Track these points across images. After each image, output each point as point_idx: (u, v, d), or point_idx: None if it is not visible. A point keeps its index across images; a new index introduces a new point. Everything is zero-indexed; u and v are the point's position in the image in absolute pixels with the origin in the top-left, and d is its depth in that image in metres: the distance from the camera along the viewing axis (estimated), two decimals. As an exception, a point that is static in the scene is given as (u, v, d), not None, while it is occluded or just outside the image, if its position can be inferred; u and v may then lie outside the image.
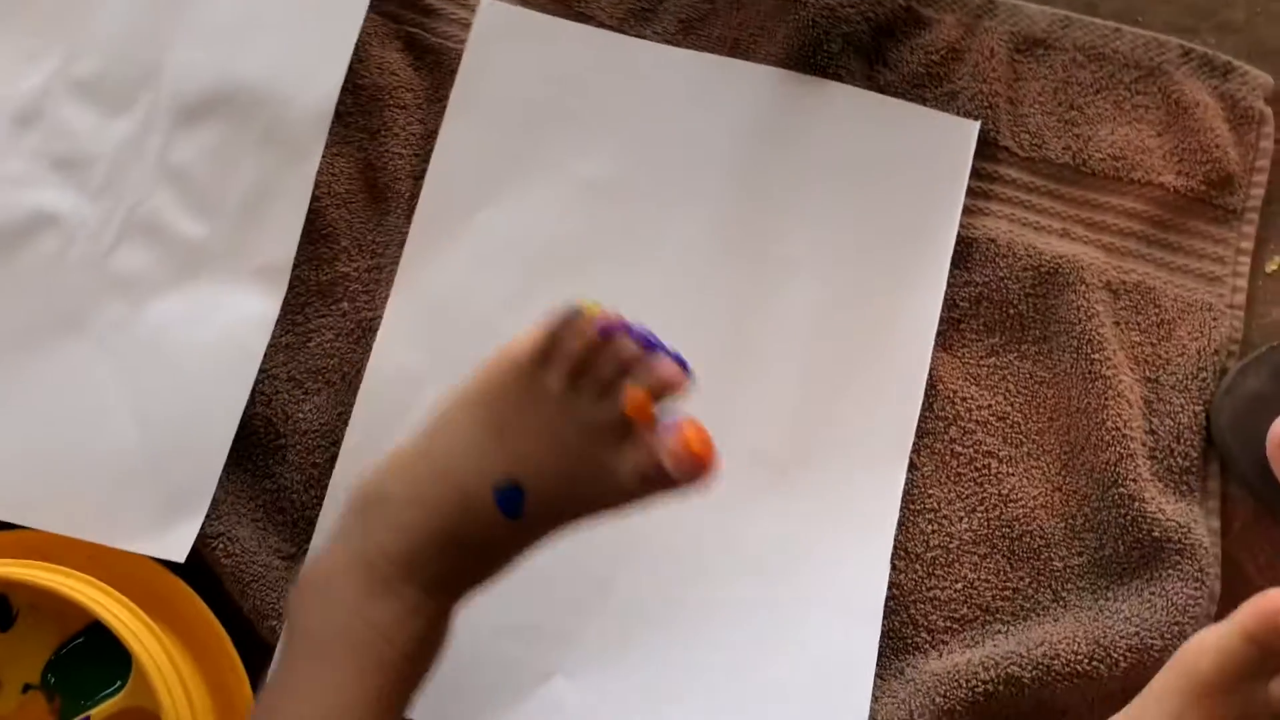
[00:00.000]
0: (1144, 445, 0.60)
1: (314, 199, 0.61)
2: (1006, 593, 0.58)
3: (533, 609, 0.57)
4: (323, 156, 0.62)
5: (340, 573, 0.46)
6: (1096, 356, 0.60)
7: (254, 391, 0.59)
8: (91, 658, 0.56)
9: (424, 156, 0.63)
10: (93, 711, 0.53)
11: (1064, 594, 0.58)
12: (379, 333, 0.60)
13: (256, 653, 0.57)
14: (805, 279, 0.61)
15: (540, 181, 0.63)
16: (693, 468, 0.43)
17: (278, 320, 0.60)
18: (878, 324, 0.61)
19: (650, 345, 0.45)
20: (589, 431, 0.45)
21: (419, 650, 0.46)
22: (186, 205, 0.61)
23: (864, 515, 0.58)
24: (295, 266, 0.61)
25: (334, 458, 0.60)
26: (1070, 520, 0.59)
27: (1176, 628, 0.56)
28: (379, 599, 0.45)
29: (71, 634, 0.56)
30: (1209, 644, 0.47)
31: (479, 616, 0.55)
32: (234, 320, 0.60)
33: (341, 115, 0.63)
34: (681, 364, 0.46)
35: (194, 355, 0.59)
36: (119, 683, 0.54)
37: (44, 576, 0.53)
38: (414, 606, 0.46)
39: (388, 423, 0.59)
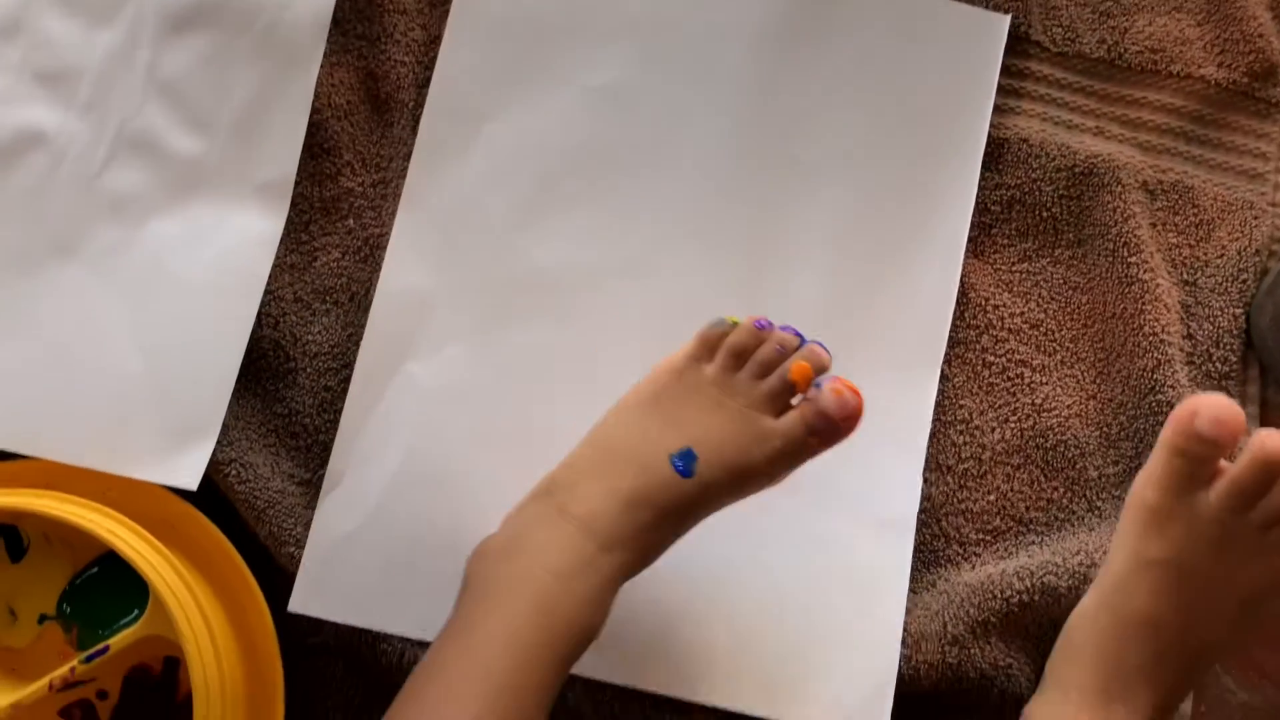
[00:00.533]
0: (1181, 350, 0.58)
1: (314, 111, 0.58)
2: (1040, 504, 0.57)
3: None
4: (321, 67, 0.59)
5: (525, 529, 0.49)
6: (1133, 260, 0.58)
7: (261, 313, 0.57)
8: (107, 587, 0.55)
9: (427, 64, 0.60)
10: (111, 640, 0.52)
11: (1099, 504, 0.57)
12: (387, 252, 0.58)
13: (275, 579, 0.55)
14: (830, 184, 0.59)
15: (550, 89, 0.60)
16: (852, 410, 0.48)
17: (281, 240, 0.58)
18: (907, 230, 0.58)
19: (800, 337, 0.51)
20: (752, 402, 0.50)
21: (592, 605, 0.48)
22: (179, 120, 0.58)
23: (896, 427, 0.57)
24: (297, 183, 0.58)
25: (346, 380, 0.58)
26: (1105, 429, 0.58)
27: (1218, 535, 0.55)
28: (561, 551, 0.48)
29: (85, 564, 0.55)
30: (1148, 472, 0.49)
31: None
32: (236, 241, 0.57)
33: (340, 22, 0.60)
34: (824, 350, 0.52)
35: (196, 278, 0.57)
36: (136, 611, 0.53)
37: (55, 506, 0.52)
38: (592, 561, 0.48)
39: (399, 344, 0.57)
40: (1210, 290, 0.58)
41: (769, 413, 0.49)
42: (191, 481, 0.55)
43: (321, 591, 0.55)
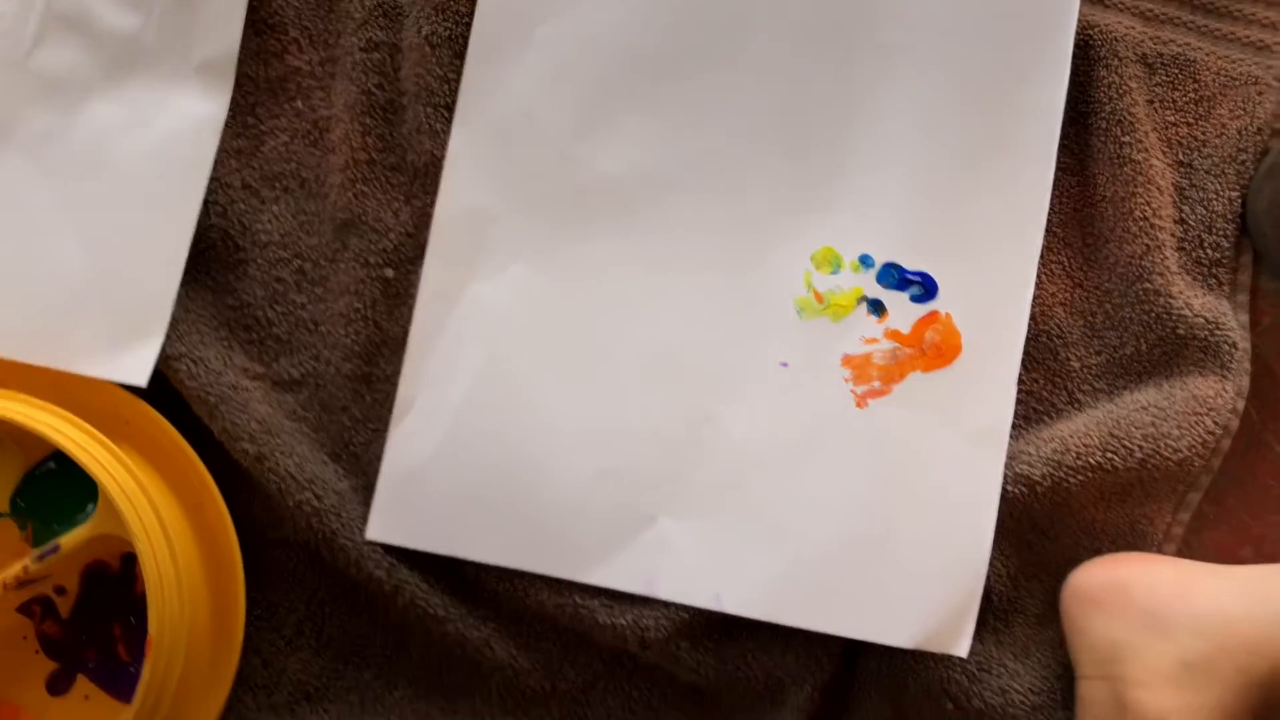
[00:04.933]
0: (1173, 236, 0.55)
1: (257, -18, 0.55)
2: (1019, 396, 0.55)
3: (632, 452, 0.53)
4: (263, -67, 0.55)
5: None
6: (1126, 139, 0.54)
7: (207, 202, 0.55)
8: (61, 482, 0.54)
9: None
10: (62, 540, 0.51)
11: (1079, 396, 0.55)
12: (444, 174, 0.54)
13: (231, 475, 0.54)
14: (916, 76, 0.54)
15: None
16: None
17: (226, 123, 0.55)
18: (996, 132, 0.53)
19: None
20: None
21: None
22: (115, -7, 0.54)
23: (990, 334, 0.53)
24: (240, 62, 0.55)
25: (299, 271, 0.56)
26: (1090, 318, 0.56)
27: (1196, 419, 0.53)
28: None
29: (38, 460, 0.54)
30: None
31: (578, 461, 0.53)
32: (178, 124, 0.54)
33: (281, -117, 0.56)
34: None
35: (136, 165, 0.54)
36: (91, 506, 0.52)
37: (0, 405, 0.51)
38: None
39: (463, 265, 0.54)
40: (1206, 172, 0.55)
41: None
42: (141, 377, 0.53)
43: (399, 519, 0.54)
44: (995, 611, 0.55)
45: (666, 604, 0.53)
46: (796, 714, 0.54)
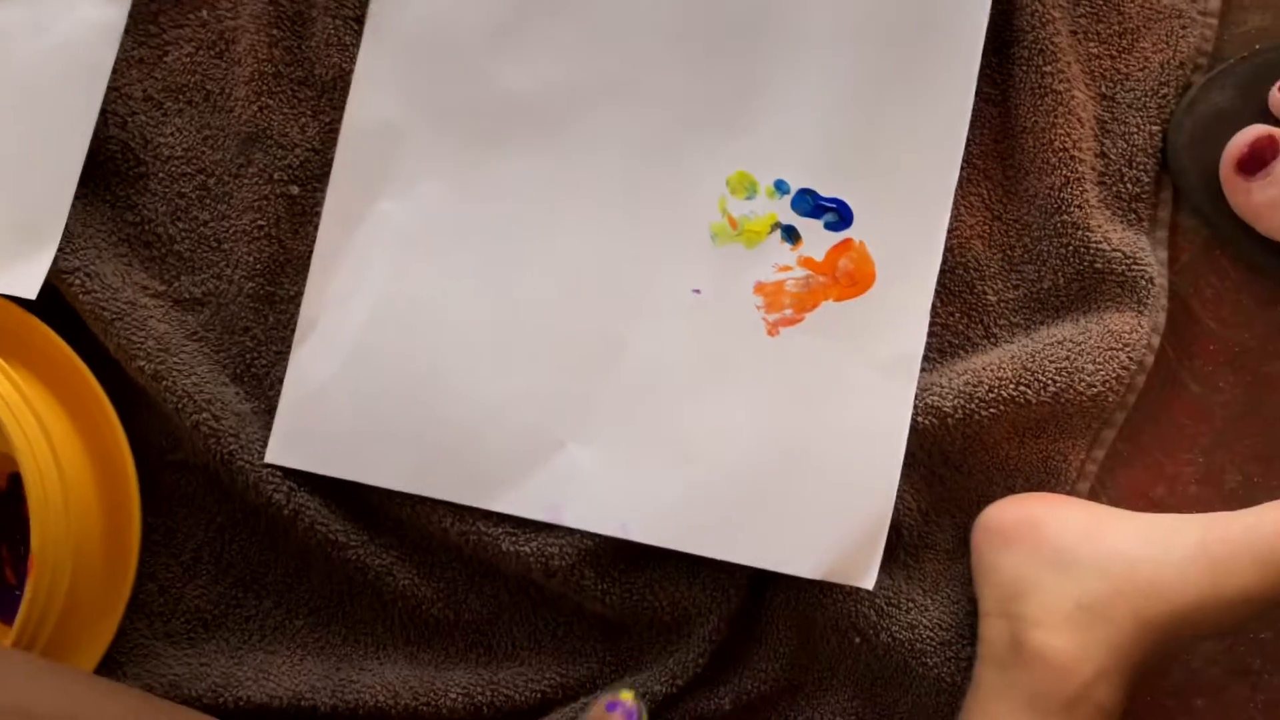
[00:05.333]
0: (1093, 169, 0.54)
1: (161, -115, 0.53)
2: (934, 329, 0.54)
3: (540, 376, 0.52)
4: None
5: None
6: (1048, 69, 0.53)
7: (107, 113, 0.53)
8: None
9: None
10: (-57, 456, 0.50)
11: (995, 330, 0.55)
12: (352, 88, 0.53)
13: (126, 393, 0.53)
14: None
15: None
16: None
17: (128, 31, 0.53)
18: (918, 42, 0.52)
19: None
20: None
21: None
22: (13, -105, 0.53)
23: (904, 262, 0.52)
24: (142, -33, 0.54)
25: (201, 186, 0.54)
26: (1008, 251, 0.55)
27: (1110, 354, 0.52)
28: None
29: (-75, 377, 0.53)
30: None
31: (484, 385, 0.52)
32: (75, 30, 0.53)
33: None
34: None
35: (31, 70, 0.52)
36: (-20, 425, 0.51)
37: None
38: None
39: (370, 182, 0.53)
40: (1128, 105, 0.55)
41: None
42: (30, 289, 0.51)
43: (299, 442, 0.52)
44: (906, 547, 0.54)
45: (572, 532, 0.52)
46: (703, 645, 0.53)
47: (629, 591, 0.53)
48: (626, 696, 0.50)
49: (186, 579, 0.54)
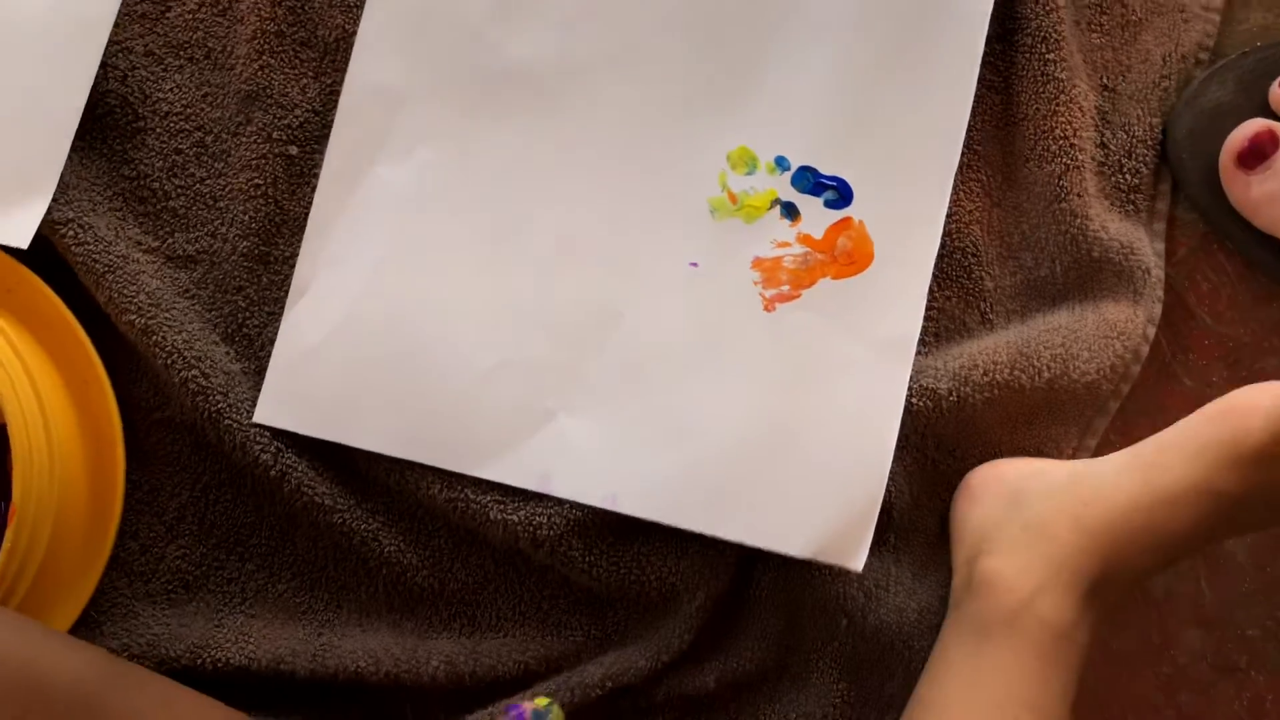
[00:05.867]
0: (1093, 159, 0.54)
1: None
2: (931, 313, 0.54)
3: (534, 345, 0.52)
4: None
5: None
6: (1051, 57, 0.54)
7: (107, 66, 0.53)
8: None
9: None
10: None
11: (992, 315, 0.55)
12: (354, 50, 0.53)
13: (115, 348, 0.52)
14: None
15: None
16: None
17: (131, -16, 0.53)
18: (923, 23, 0.52)
19: None
20: None
21: None
22: None
23: (902, 239, 0.52)
24: (148, -79, 0.53)
25: (199, 144, 0.54)
26: (1006, 238, 0.55)
27: (1106, 342, 0.52)
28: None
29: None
30: (1264, 405, 0.46)
31: (478, 352, 0.52)
32: (78, -19, 0.52)
33: None
34: None
35: (32, 21, 0.52)
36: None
37: None
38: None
39: (369, 145, 0.53)
40: (1129, 97, 0.55)
41: None
42: (22, 239, 0.51)
43: (288, 402, 0.52)
44: (896, 530, 0.54)
45: (561, 502, 0.52)
46: (689, 621, 0.52)
47: (616, 565, 0.52)
48: (541, 703, 0.49)
49: (169, 538, 0.54)
